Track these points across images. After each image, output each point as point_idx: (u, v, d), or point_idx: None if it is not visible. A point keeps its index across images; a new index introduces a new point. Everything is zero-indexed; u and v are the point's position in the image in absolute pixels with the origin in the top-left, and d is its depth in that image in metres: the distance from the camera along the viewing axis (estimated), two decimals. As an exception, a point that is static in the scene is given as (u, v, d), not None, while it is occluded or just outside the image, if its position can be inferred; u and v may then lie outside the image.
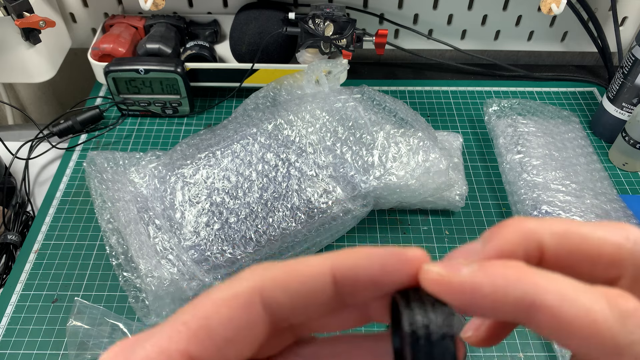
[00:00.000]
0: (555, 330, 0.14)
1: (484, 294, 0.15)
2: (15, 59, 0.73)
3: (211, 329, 0.16)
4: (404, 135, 0.61)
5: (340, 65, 0.68)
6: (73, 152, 0.71)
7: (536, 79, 0.84)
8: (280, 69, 0.72)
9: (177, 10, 0.82)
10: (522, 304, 0.15)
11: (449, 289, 0.16)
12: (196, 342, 0.16)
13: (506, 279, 0.15)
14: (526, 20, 0.83)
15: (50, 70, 0.77)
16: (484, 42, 0.86)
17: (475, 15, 0.82)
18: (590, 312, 0.14)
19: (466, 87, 0.82)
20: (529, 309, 0.15)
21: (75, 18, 0.83)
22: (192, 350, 0.16)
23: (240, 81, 0.74)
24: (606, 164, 0.70)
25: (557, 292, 0.15)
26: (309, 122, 0.61)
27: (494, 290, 0.15)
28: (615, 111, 0.70)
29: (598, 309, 0.14)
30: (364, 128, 0.61)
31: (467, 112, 0.77)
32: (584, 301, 0.14)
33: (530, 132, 0.68)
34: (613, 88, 0.70)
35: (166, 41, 0.73)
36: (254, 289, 0.17)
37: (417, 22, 0.83)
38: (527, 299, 0.15)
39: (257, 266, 0.18)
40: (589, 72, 0.87)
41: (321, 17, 0.70)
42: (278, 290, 0.17)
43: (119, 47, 0.73)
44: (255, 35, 0.72)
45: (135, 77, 0.70)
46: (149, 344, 0.16)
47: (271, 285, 0.17)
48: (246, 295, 0.17)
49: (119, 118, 0.75)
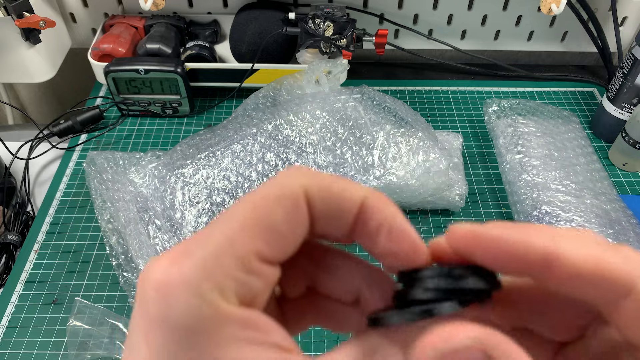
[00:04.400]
0: (570, 276, 0.16)
1: (507, 245, 0.17)
2: (15, 59, 0.73)
3: (273, 226, 0.17)
4: (404, 135, 0.61)
5: (340, 65, 0.68)
6: (73, 152, 0.71)
7: (536, 79, 0.84)
8: (280, 69, 0.72)
9: (177, 10, 0.82)
10: (541, 255, 0.16)
11: (477, 242, 0.17)
12: (262, 240, 0.16)
13: (526, 234, 0.17)
14: (526, 20, 0.83)
15: (50, 71, 0.77)
16: (484, 42, 0.86)
17: (475, 15, 0.82)
18: (601, 258, 0.16)
19: (466, 87, 0.82)
20: (546, 259, 0.16)
21: (75, 18, 0.83)
22: (259, 248, 0.16)
23: (240, 81, 0.74)
24: (606, 164, 0.70)
25: (571, 244, 0.17)
26: (309, 122, 0.61)
27: (516, 241, 0.17)
28: (615, 111, 0.70)
29: (607, 254, 0.16)
30: (364, 128, 0.61)
31: (467, 112, 0.77)
32: (593, 250, 0.16)
33: (530, 132, 0.68)
34: (613, 88, 0.70)
35: (166, 41, 0.73)
36: (300, 188, 0.17)
37: (417, 22, 0.83)
38: (545, 250, 0.16)
39: (299, 167, 0.18)
40: (588, 72, 0.87)
41: (321, 17, 0.70)
42: (319, 197, 0.17)
43: (119, 47, 0.73)
44: (255, 36, 0.72)
45: (135, 77, 0.70)
46: (216, 241, 0.16)
47: (315, 191, 0.17)
48: (295, 193, 0.17)
49: (119, 118, 0.75)
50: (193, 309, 0.15)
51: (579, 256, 0.16)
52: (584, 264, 0.16)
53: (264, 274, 0.17)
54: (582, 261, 0.16)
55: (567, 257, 0.16)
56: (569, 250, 0.16)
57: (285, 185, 0.17)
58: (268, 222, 0.17)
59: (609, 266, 0.16)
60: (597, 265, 0.16)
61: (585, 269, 0.16)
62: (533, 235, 0.17)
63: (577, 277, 0.16)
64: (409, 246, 0.18)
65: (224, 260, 0.16)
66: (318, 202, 0.17)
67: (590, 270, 0.16)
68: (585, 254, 0.16)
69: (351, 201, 0.18)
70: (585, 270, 0.16)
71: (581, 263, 0.16)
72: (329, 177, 0.18)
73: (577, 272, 0.16)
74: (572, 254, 0.16)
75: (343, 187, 0.18)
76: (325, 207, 0.18)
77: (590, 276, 0.16)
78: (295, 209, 0.17)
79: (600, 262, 0.16)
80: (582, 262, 0.16)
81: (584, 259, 0.16)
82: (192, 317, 0.15)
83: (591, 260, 0.16)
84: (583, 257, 0.16)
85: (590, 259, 0.16)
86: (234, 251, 0.16)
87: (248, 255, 0.16)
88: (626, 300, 0.16)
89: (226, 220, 0.17)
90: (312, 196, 0.17)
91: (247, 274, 0.16)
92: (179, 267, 0.15)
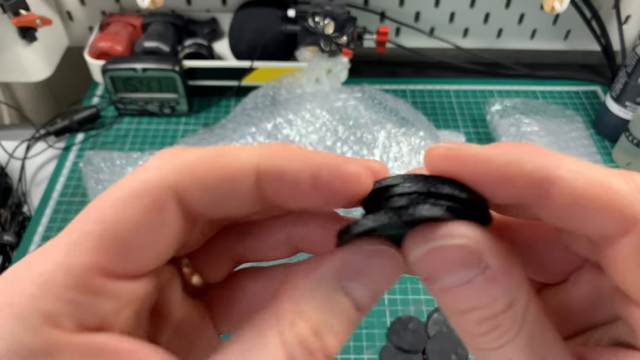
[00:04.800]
0: (569, 205, 0.14)
1: (498, 165, 0.14)
2: (12, 57, 0.72)
3: (118, 235, 0.14)
4: (406, 135, 0.60)
5: (340, 64, 0.67)
6: (70, 152, 0.70)
7: (539, 77, 0.83)
8: (279, 68, 0.71)
9: (175, 8, 0.81)
10: (537, 177, 0.14)
11: (461, 161, 0.15)
12: (103, 253, 0.14)
13: (520, 153, 0.15)
14: (529, 18, 0.82)
15: (47, 69, 0.76)
16: (486, 40, 0.85)
17: (477, 13, 0.81)
18: (606, 183, 0.14)
19: (468, 86, 0.81)
20: (543, 182, 0.14)
21: (72, 16, 0.82)
22: (99, 262, 0.14)
23: (239, 80, 0.73)
24: (610, 163, 0.69)
25: (571, 166, 0.14)
26: (309, 121, 0.60)
27: (509, 161, 0.14)
28: (619, 110, 0.69)
29: (614, 181, 0.14)
30: (364, 127, 0.60)
31: (470, 112, 0.76)
32: (598, 174, 0.14)
33: (533, 131, 0.67)
34: (616, 87, 0.69)
35: (164, 39, 0.72)
36: (165, 183, 0.14)
37: (419, 20, 0.82)
38: (542, 172, 0.14)
39: (168, 151, 0.15)
40: (592, 71, 0.86)
41: (321, 15, 0.69)
42: (195, 185, 0.15)
43: (116, 46, 0.72)
44: (254, 33, 0.71)
45: (132, 76, 0.69)
46: (45, 260, 0.13)
47: (187, 179, 0.15)
48: (156, 192, 0.14)
49: (116, 117, 0.74)
50: (18, 339, 0.12)
51: (582, 180, 0.14)
52: (587, 189, 0.14)
53: (114, 292, 0.14)
54: (585, 186, 0.14)
55: (569, 180, 0.14)
56: (572, 172, 0.14)
57: (144, 181, 0.15)
58: (113, 230, 0.14)
59: (615, 194, 0.14)
60: (602, 191, 0.14)
61: (588, 195, 0.14)
62: (528, 155, 0.15)
63: (577, 205, 0.14)
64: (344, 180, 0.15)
65: (57, 280, 0.13)
66: (197, 192, 0.15)
67: (594, 197, 0.14)
68: (590, 177, 0.14)
69: (240, 176, 0.15)
70: (588, 196, 0.14)
71: (584, 188, 0.14)
72: (203, 153, 0.15)
73: (579, 198, 0.14)
74: (575, 177, 0.14)
75: (224, 163, 0.15)
76: (207, 194, 0.15)
77: (592, 204, 0.14)
78: (157, 210, 0.14)
79: (606, 187, 0.14)
80: (586, 186, 0.14)
81: (588, 183, 0.14)
82: (18, 349, 0.12)
83: (596, 186, 0.14)
84: (587, 181, 0.14)
85: (596, 183, 0.14)
86: (68, 269, 0.13)
87: (85, 273, 0.13)
88: (626, 237, 0.14)
89: (67, 232, 0.14)
90: (184, 188, 0.15)
91: (86, 295, 0.13)
92: (9, 289, 0.13)
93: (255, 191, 0.15)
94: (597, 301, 0.17)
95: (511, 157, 0.14)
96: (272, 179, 0.15)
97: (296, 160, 0.15)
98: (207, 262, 0.19)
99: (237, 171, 0.15)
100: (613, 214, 0.14)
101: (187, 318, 0.18)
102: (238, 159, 0.15)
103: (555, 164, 0.14)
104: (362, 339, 0.51)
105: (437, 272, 0.15)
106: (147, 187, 0.14)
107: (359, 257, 0.16)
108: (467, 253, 0.14)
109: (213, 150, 0.15)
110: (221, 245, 0.19)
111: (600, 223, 0.14)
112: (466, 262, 0.14)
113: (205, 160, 0.15)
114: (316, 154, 0.15)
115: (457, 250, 0.15)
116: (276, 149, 0.16)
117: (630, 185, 0.14)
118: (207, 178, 0.15)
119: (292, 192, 0.15)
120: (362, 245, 0.16)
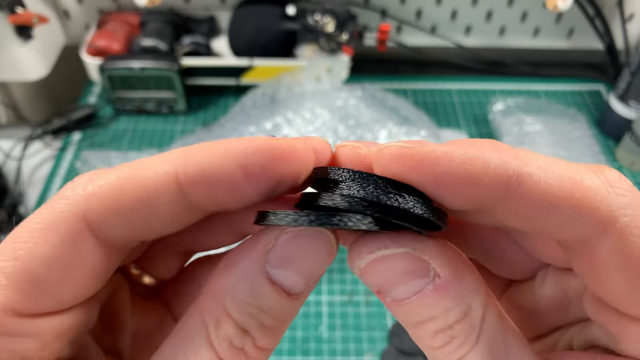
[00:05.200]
0: (539, 204, 0.13)
1: (459, 162, 0.13)
2: (8, 56, 0.71)
3: (32, 272, 0.13)
4: (407, 134, 0.59)
5: (340, 62, 0.66)
6: (67, 152, 0.69)
7: (542, 75, 0.82)
8: (279, 66, 0.70)
9: (173, 6, 0.80)
10: (503, 175, 0.13)
11: (416, 162, 0.13)
12: (17, 292, 0.13)
13: (483, 149, 0.13)
14: (532, 16, 0.81)
15: (44, 68, 0.75)
16: (489, 38, 0.84)
17: (479, 11, 0.81)
18: (577, 179, 0.13)
19: (470, 85, 0.80)
20: (510, 180, 0.13)
21: (69, 14, 0.81)
22: (12, 303, 0.13)
23: (238, 78, 0.72)
24: (613, 163, 0.69)
25: (539, 162, 0.13)
26: (309, 120, 0.59)
27: (471, 159, 0.13)
28: (623, 109, 0.68)
29: (585, 176, 0.13)
30: (365, 126, 0.59)
31: (472, 111, 0.76)
32: (568, 170, 0.13)
33: (536, 131, 0.66)
34: (620, 86, 0.68)
35: (162, 38, 0.71)
36: (76, 215, 0.13)
37: (420, 18, 0.82)
38: (509, 169, 0.13)
39: (84, 175, 0.14)
40: (595, 70, 0.85)
41: (321, 13, 0.68)
42: (108, 211, 0.13)
43: (113, 44, 0.71)
44: (254, 31, 0.70)
45: (130, 75, 0.68)
46: None
47: (98, 206, 0.13)
48: (68, 225, 0.13)
49: (113, 116, 0.73)
50: None
51: (552, 177, 0.13)
52: (558, 186, 0.13)
53: (33, 330, 0.13)
54: (556, 183, 0.13)
55: (538, 178, 0.13)
56: (540, 168, 0.13)
57: (57, 212, 0.13)
58: (26, 267, 0.13)
59: (588, 191, 0.13)
60: (572, 189, 0.13)
61: (560, 193, 0.13)
62: (492, 152, 0.13)
63: (548, 204, 0.13)
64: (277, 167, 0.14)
65: None
66: (111, 219, 0.13)
67: (566, 195, 0.13)
68: (559, 174, 0.13)
69: (158, 191, 0.14)
70: (561, 195, 0.13)
71: (555, 185, 0.13)
72: (116, 175, 0.14)
73: (550, 197, 0.13)
74: (544, 174, 0.13)
75: (137, 182, 0.14)
76: (124, 219, 0.14)
77: (565, 203, 0.13)
78: (72, 243, 0.13)
79: (577, 184, 0.13)
80: (556, 184, 0.13)
81: (558, 180, 0.13)
82: None
83: (566, 184, 0.13)
84: (557, 178, 0.13)
85: (566, 181, 0.13)
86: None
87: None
88: (603, 238, 0.13)
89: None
90: (97, 216, 0.13)
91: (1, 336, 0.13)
92: None
93: (183, 202, 0.14)
94: (565, 301, 0.16)
95: (473, 154, 0.13)
96: (197, 184, 0.14)
97: (218, 156, 0.14)
98: (154, 261, 0.18)
99: (153, 188, 0.14)
100: (587, 212, 0.13)
101: (145, 321, 0.17)
102: (153, 173, 0.14)
103: (522, 160, 0.13)
104: (362, 341, 0.50)
105: (384, 283, 0.14)
106: (61, 218, 0.13)
107: (284, 243, 0.14)
108: (412, 262, 0.14)
109: (126, 169, 0.14)
110: (166, 241, 0.17)
111: (573, 224, 0.13)
112: (413, 271, 0.14)
113: (117, 182, 0.14)
114: (241, 141, 0.14)
115: (401, 259, 0.14)
116: (194, 151, 0.14)
117: (602, 180, 0.13)
118: (120, 201, 0.14)
119: (226, 190, 0.14)
120: (287, 229, 0.14)
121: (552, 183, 0.13)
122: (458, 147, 0.13)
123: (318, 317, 0.52)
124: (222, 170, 0.14)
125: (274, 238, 0.14)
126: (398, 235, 0.14)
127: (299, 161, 0.14)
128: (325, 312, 0.52)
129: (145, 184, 0.14)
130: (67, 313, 0.14)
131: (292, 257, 0.14)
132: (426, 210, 0.14)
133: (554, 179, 0.13)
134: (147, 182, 0.14)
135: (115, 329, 0.16)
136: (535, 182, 0.13)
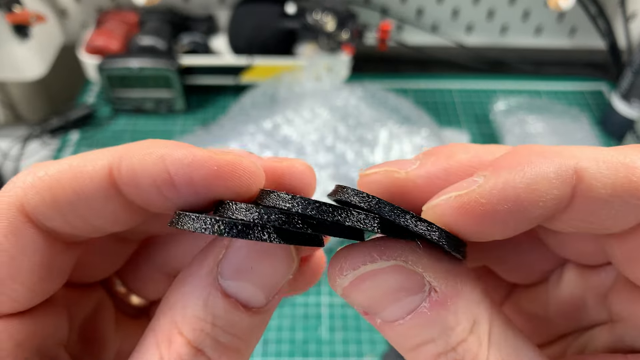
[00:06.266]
0: (601, 196, 0.12)
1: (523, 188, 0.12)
2: (5, 55, 0.71)
3: None
4: (408, 134, 0.59)
5: (341, 61, 0.66)
6: (65, 152, 0.69)
7: (544, 75, 0.82)
8: (279, 65, 0.70)
9: (172, 4, 0.80)
10: (565, 174, 0.12)
11: (482, 210, 0.12)
12: None
13: (536, 163, 0.12)
14: (533, 15, 0.81)
15: (41, 67, 0.74)
16: (490, 37, 0.84)
17: (480, 10, 0.80)
18: (629, 163, 0.12)
19: (472, 84, 0.79)
20: (572, 180, 0.12)
21: (67, 13, 0.81)
22: None
23: (237, 77, 0.71)
24: (616, 163, 0.68)
25: (584, 153, 0.12)
26: (309, 119, 0.59)
27: (535, 178, 0.12)
28: (625, 109, 0.68)
29: (635, 157, 0.12)
30: (366, 126, 0.59)
31: (473, 110, 0.75)
32: (615, 155, 0.12)
33: (538, 131, 0.66)
34: (623, 85, 0.67)
35: (160, 37, 0.71)
36: (14, 206, 0.13)
37: (421, 17, 0.81)
38: (569, 168, 0.12)
39: (26, 170, 0.14)
40: (597, 69, 0.84)
41: (321, 11, 0.68)
42: (45, 203, 0.13)
43: (112, 43, 0.71)
44: (254, 30, 0.70)
45: (128, 74, 0.68)
46: None
47: (35, 197, 0.13)
48: (7, 216, 0.13)
49: (111, 116, 0.73)
50: None
51: (603, 167, 0.11)
52: (613, 176, 0.11)
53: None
54: (610, 173, 0.11)
55: (593, 172, 0.12)
56: (589, 160, 0.12)
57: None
58: None
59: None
60: (628, 174, 0.11)
61: (617, 183, 0.11)
62: (541, 160, 0.12)
63: (606, 198, 0.12)
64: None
65: None
66: (47, 210, 0.13)
67: (621, 182, 0.11)
68: (610, 161, 0.12)
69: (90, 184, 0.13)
70: (617, 184, 0.11)
71: (609, 176, 0.11)
72: (54, 169, 0.13)
73: (608, 189, 0.11)
74: (596, 165, 0.12)
75: (72, 176, 0.13)
76: (59, 210, 0.13)
77: (620, 192, 0.11)
78: (13, 236, 0.13)
79: (631, 169, 0.11)
80: (611, 173, 0.11)
81: (611, 169, 0.11)
82: None
83: (620, 170, 0.12)
84: (610, 167, 0.11)
85: (620, 167, 0.12)
86: None
87: None
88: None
89: None
90: (35, 207, 0.13)
91: None
92: None
93: (119, 199, 0.13)
94: (581, 302, 0.15)
95: (532, 172, 0.12)
96: (128, 183, 0.13)
97: (152, 158, 0.13)
98: (144, 282, 0.17)
99: (88, 181, 0.13)
100: None
101: (130, 340, 0.17)
102: (90, 167, 0.13)
103: (570, 155, 0.12)
104: (363, 343, 0.49)
105: (372, 303, 0.12)
106: (1, 212, 0.13)
107: (235, 251, 0.13)
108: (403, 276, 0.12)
109: (67, 161, 0.14)
110: (149, 261, 0.17)
111: (633, 209, 0.12)
112: (405, 287, 0.12)
113: (56, 174, 0.13)
114: (185, 149, 0.13)
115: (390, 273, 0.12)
116: (135, 149, 0.14)
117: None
118: (56, 193, 0.13)
119: (154, 193, 0.13)
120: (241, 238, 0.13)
121: (606, 173, 0.12)
122: (511, 171, 0.12)
123: (318, 319, 0.51)
124: (150, 174, 0.13)
125: (224, 247, 0.13)
126: (385, 245, 0.12)
127: (237, 181, 0.13)
128: (325, 313, 0.52)
129: (81, 177, 0.13)
130: (26, 317, 0.13)
131: (246, 267, 0.13)
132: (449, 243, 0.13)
133: (607, 167, 0.12)
134: (83, 175, 0.13)
135: (97, 347, 0.16)
136: (592, 175, 0.12)
